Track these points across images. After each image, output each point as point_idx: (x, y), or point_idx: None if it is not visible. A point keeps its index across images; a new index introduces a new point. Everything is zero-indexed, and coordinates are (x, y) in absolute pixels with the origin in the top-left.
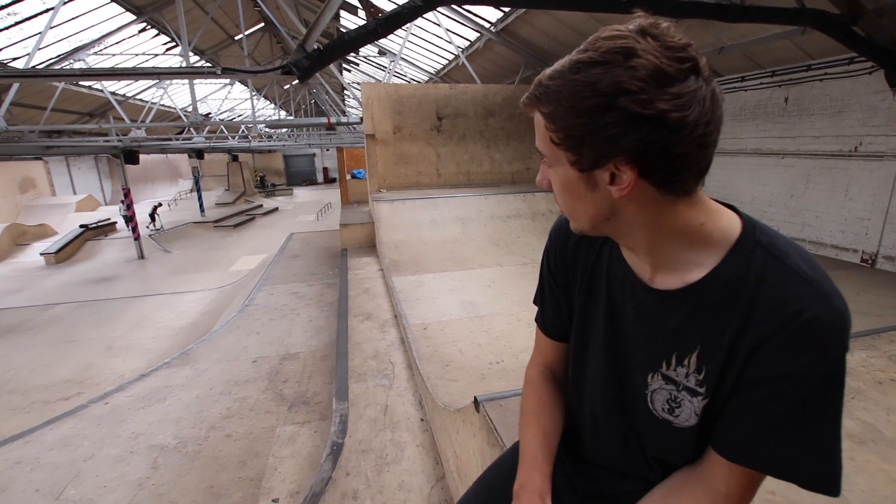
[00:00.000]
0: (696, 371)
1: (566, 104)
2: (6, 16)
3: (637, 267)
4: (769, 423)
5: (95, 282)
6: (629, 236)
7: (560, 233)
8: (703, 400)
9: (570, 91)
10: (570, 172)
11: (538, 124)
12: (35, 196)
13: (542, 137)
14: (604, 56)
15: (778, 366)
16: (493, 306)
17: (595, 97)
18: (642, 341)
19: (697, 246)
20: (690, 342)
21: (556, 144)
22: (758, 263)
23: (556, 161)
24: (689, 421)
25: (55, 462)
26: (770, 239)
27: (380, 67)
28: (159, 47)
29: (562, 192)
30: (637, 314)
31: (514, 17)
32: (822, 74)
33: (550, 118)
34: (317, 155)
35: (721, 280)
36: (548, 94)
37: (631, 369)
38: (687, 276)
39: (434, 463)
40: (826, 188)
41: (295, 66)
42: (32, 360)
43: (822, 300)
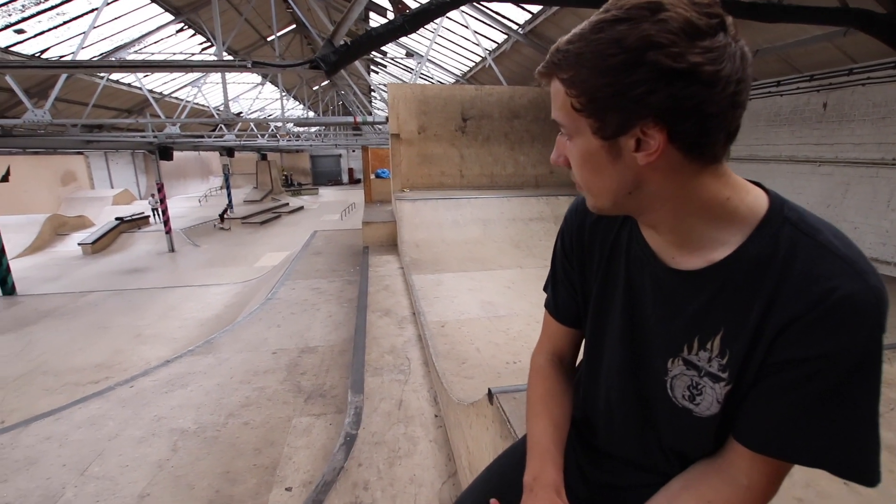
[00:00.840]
0: (718, 355)
1: (589, 65)
2: (55, 15)
3: (658, 247)
4: (797, 408)
5: (128, 272)
6: (652, 212)
7: (577, 214)
8: (725, 386)
9: (594, 51)
10: (592, 142)
11: (556, 93)
12: (75, 189)
13: (562, 106)
14: (629, 12)
15: (808, 347)
16: (512, 307)
17: (622, 53)
18: (663, 325)
19: (722, 222)
20: (714, 325)
21: (577, 111)
22: (786, 240)
23: (576, 131)
24: (711, 409)
25: (82, 440)
26: (799, 215)
27: (407, 69)
28: (195, 47)
29: (582, 165)
30: (657, 296)
31: (543, 18)
32: (865, 79)
33: (571, 83)
34: (342, 156)
35: (747, 258)
36: (567, 58)
37: (650, 355)
38: (711, 254)
39: (446, 459)
40: (866, 198)
41: (323, 60)
42: (66, 343)
43: (857, 278)
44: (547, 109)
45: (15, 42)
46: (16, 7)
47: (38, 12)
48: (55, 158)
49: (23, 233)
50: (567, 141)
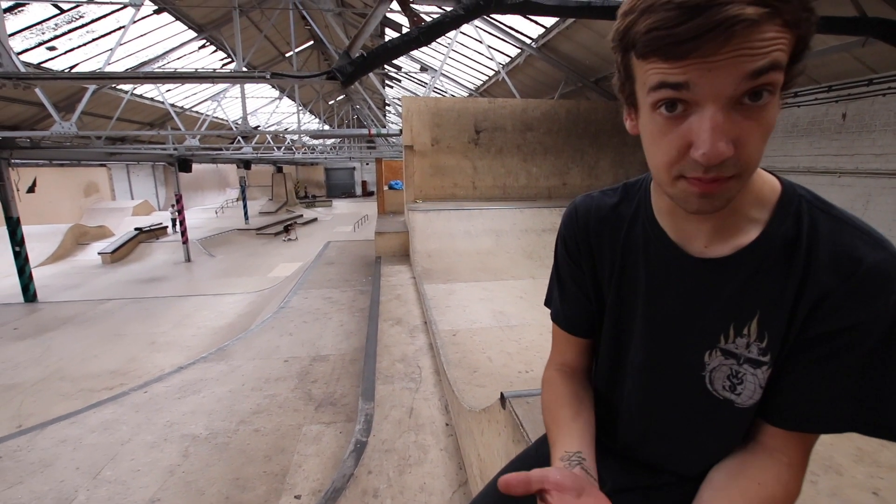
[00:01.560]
0: (757, 339)
1: (808, 2)
2: (85, 33)
3: (683, 240)
4: (834, 378)
5: (145, 281)
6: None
7: (578, 216)
8: (767, 370)
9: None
10: (779, 98)
11: (777, 37)
12: (97, 200)
13: (780, 56)
14: None
15: (843, 319)
16: (525, 317)
17: None
18: (694, 319)
19: (755, 199)
20: (749, 309)
21: (790, 55)
22: (807, 217)
23: (776, 89)
24: (753, 398)
25: (95, 444)
26: (810, 193)
27: (421, 84)
28: (216, 62)
29: (767, 134)
30: (686, 291)
31: (556, 32)
32: (886, 89)
33: (796, 24)
34: (356, 168)
35: (776, 238)
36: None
37: (682, 352)
38: (738, 240)
39: (457, 468)
40: (889, 209)
41: (339, 71)
42: (83, 350)
43: (879, 247)
44: (560, 122)
45: (46, 59)
46: (49, 26)
47: (70, 30)
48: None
49: (46, 242)
50: (752, 111)
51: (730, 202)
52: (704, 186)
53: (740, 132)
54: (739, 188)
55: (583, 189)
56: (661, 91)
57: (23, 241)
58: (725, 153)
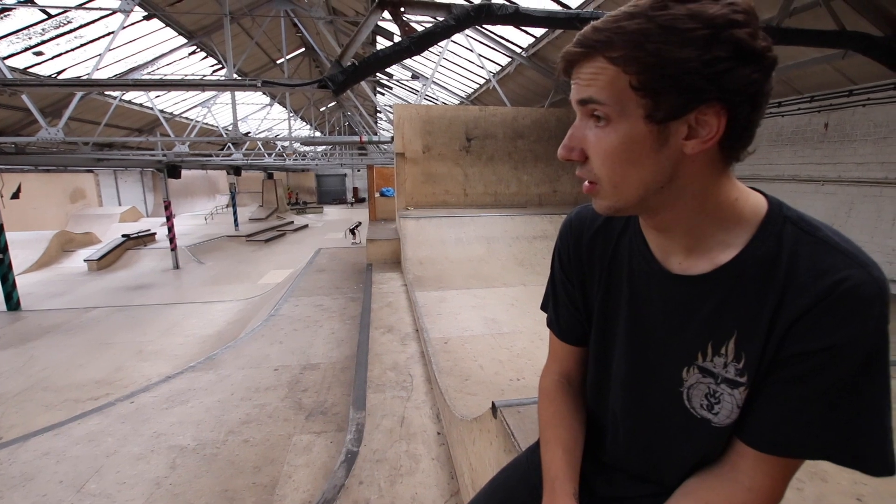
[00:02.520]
0: (734, 359)
1: (660, 40)
2: (73, 38)
3: (663, 254)
4: (805, 402)
5: (132, 288)
6: (671, 210)
7: (572, 229)
8: (745, 391)
9: (666, 25)
10: (638, 127)
11: (596, 73)
12: (83, 206)
13: (607, 85)
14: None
15: (817, 339)
16: (516, 324)
17: (703, 28)
18: (673, 334)
19: (730, 223)
20: (726, 328)
21: (634, 90)
22: (789, 238)
23: (619, 114)
24: (731, 417)
25: (79, 456)
26: (798, 215)
27: (412, 91)
28: (206, 69)
29: (615, 154)
30: (665, 306)
31: (545, 42)
32: (866, 100)
33: (628, 60)
34: (348, 175)
35: (754, 258)
36: (621, 35)
37: (662, 367)
38: (717, 257)
39: (449, 477)
40: (870, 217)
41: (331, 80)
42: (68, 359)
43: (860, 269)
44: (550, 129)
45: (33, 63)
46: (35, 31)
47: (57, 35)
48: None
49: (30, 249)
50: (595, 129)
51: (613, 209)
52: (584, 186)
53: (587, 144)
54: (610, 197)
55: (573, 196)
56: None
57: (6, 247)
58: (564, 154)
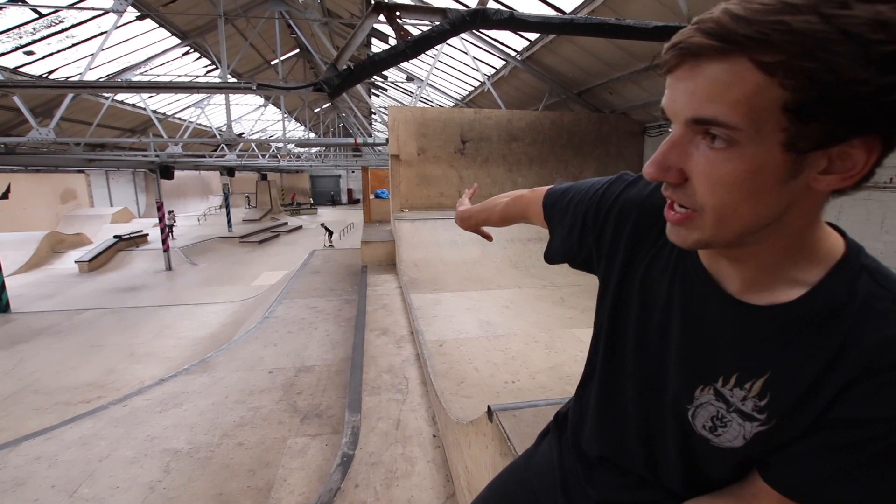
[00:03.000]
0: (756, 397)
1: (839, 50)
2: (65, 38)
3: (719, 273)
4: (848, 466)
5: (124, 290)
6: (760, 246)
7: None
8: (759, 426)
9: (849, 31)
10: (772, 155)
11: (728, 84)
12: (75, 207)
13: (744, 99)
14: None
15: (872, 410)
16: (511, 326)
17: (891, 44)
18: (699, 351)
19: (807, 262)
20: (760, 366)
21: (785, 110)
22: (863, 290)
23: (751, 138)
24: (733, 443)
25: (72, 460)
26: (876, 264)
27: (407, 93)
28: (200, 69)
29: (735, 183)
30: (701, 323)
31: (540, 45)
32: None
33: (790, 71)
34: (342, 176)
35: (819, 304)
36: (787, 33)
37: (676, 379)
38: (778, 294)
39: (445, 480)
40: (860, 220)
41: (326, 83)
42: (58, 362)
43: None
44: (545, 132)
45: (24, 63)
46: (26, 30)
47: (48, 35)
48: (55, 176)
49: (20, 250)
50: (707, 149)
51: (702, 244)
52: (667, 210)
53: (691, 166)
54: (707, 230)
55: None
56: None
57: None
58: (656, 174)
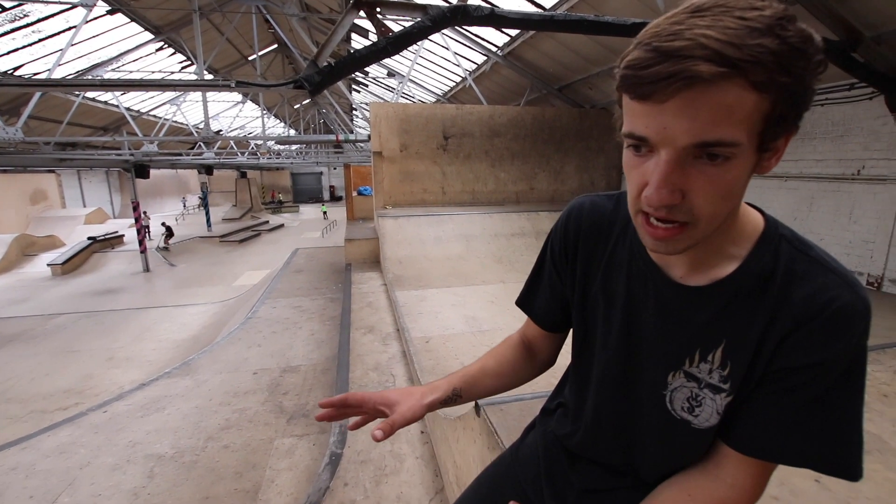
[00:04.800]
0: (720, 367)
1: (798, 66)
2: (31, 33)
3: (665, 263)
4: (791, 412)
5: (100, 293)
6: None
7: (571, 221)
8: (726, 397)
9: (798, 47)
10: (751, 158)
11: (731, 106)
12: (45, 208)
13: (745, 119)
14: (787, 13)
15: (807, 354)
16: (496, 321)
17: (818, 54)
18: (664, 339)
19: (736, 237)
20: (716, 337)
21: (765, 119)
22: (785, 256)
23: (740, 150)
24: (710, 421)
25: (50, 469)
26: (792, 233)
27: (388, 88)
28: (175, 65)
29: (726, 193)
30: (660, 311)
31: (521, 41)
32: (824, 99)
33: (777, 88)
34: (324, 173)
35: (751, 274)
36: (769, 54)
37: (648, 369)
38: (716, 271)
39: (433, 475)
40: (830, 211)
41: (307, 80)
42: (32, 369)
43: (849, 289)
44: (527, 128)
45: None
46: None
47: (13, 29)
48: (24, 177)
49: None
50: (708, 167)
51: (688, 248)
52: (653, 231)
53: (691, 185)
54: (697, 237)
55: (550, 193)
56: (628, 136)
57: None
58: (666, 200)
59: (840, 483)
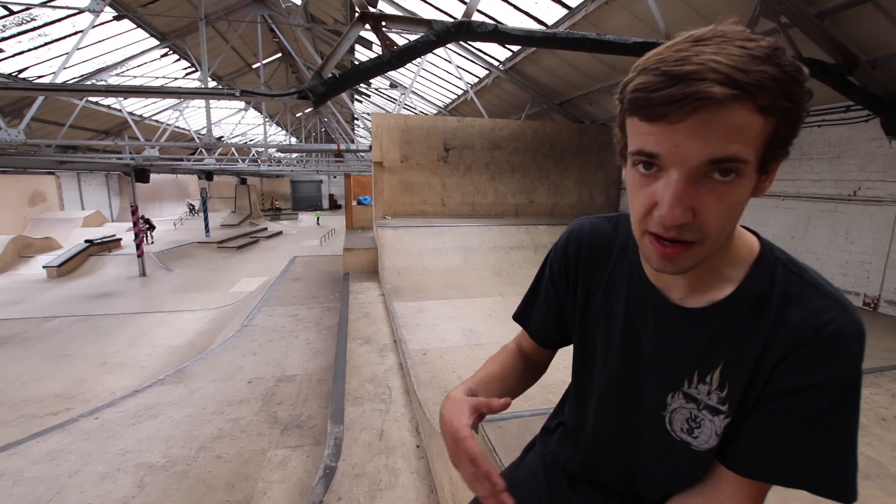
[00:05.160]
0: (718, 388)
1: (795, 92)
2: (38, 36)
3: (664, 285)
4: (787, 434)
5: (95, 297)
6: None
7: (572, 242)
8: (725, 419)
9: (793, 75)
10: (754, 179)
11: (741, 127)
12: (43, 209)
13: (753, 138)
14: (776, 45)
15: (803, 377)
16: (494, 335)
17: (806, 82)
18: (663, 360)
19: (732, 260)
20: (714, 359)
21: (767, 140)
22: (780, 279)
23: (748, 168)
24: (709, 443)
25: (39, 476)
26: (787, 256)
27: (390, 99)
28: (179, 71)
29: (733, 210)
30: (659, 333)
31: (522, 56)
32: (821, 121)
33: (780, 112)
34: (324, 181)
35: (748, 297)
36: (772, 80)
37: (647, 389)
38: (714, 293)
39: (429, 491)
40: (826, 231)
41: (311, 91)
42: (24, 372)
43: (843, 312)
44: (527, 141)
45: None
46: None
47: (20, 32)
48: (23, 178)
49: None
50: (718, 183)
51: (693, 267)
52: (663, 249)
53: (702, 203)
54: (703, 255)
55: (549, 207)
56: (638, 154)
57: None
58: (681, 219)
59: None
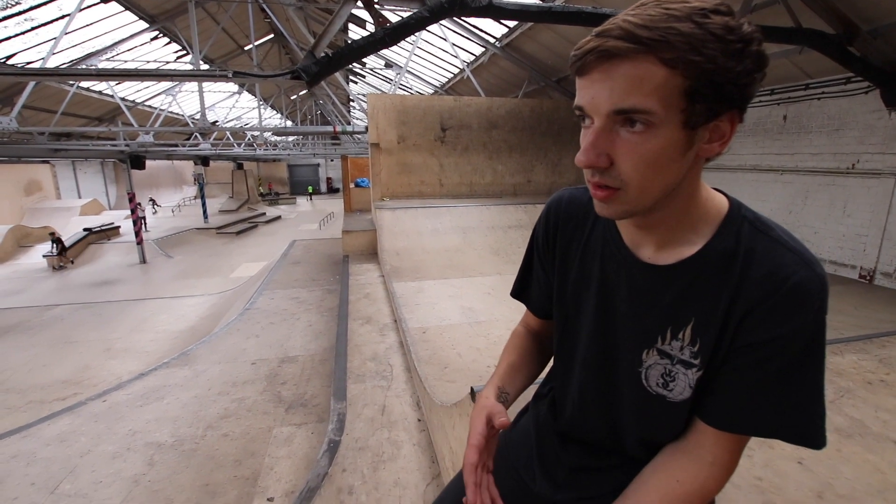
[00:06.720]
0: (690, 343)
1: (711, 49)
2: (23, 21)
3: (634, 245)
4: (758, 386)
5: (96, 285)
6: (664, 209)
7: (552, 212)
8: (697, 372)
9: (713, 35)
10: (676, 132)
11: (642, 77)
12: (40, 199)
13: (654, 90)
14: (718, 7)
15: (767, 330)
16: (493, 312)
17: (739, 42)
18: (637, 319)
19: (699, 219)
20: (685, 315)
21: (686, 96)
22: (746, 237)
23: (662, 121)
24: (684, 394)
25: (51, 457)
26: (754, 215)
27: (386, 80)
28: (170, 55)
29: (652, 160)
30: (631, 292)
31: (519, 32)
32: (820, 93)
33: (687, 65)
34: (321, 165)
35: (715, 254)
36: (679, 36)
37: (624, 348)
38: (682, 251)
39: (430, 461)
40: (824, 204)
41: (304, 71)
42: (30, 360)
43: (806, 267)
44: (524, 120)
45: None
46: None
47: (4, 17)
48: (18, 167)
49: None
50: (628, 134)
51: (628, 214)
52: (594, 191)
53: (616, 151)
54: (631, 202)
55: (547, 186)
56: (576, 108)
57: None
58: (595, 162)
59: (822, 464)
